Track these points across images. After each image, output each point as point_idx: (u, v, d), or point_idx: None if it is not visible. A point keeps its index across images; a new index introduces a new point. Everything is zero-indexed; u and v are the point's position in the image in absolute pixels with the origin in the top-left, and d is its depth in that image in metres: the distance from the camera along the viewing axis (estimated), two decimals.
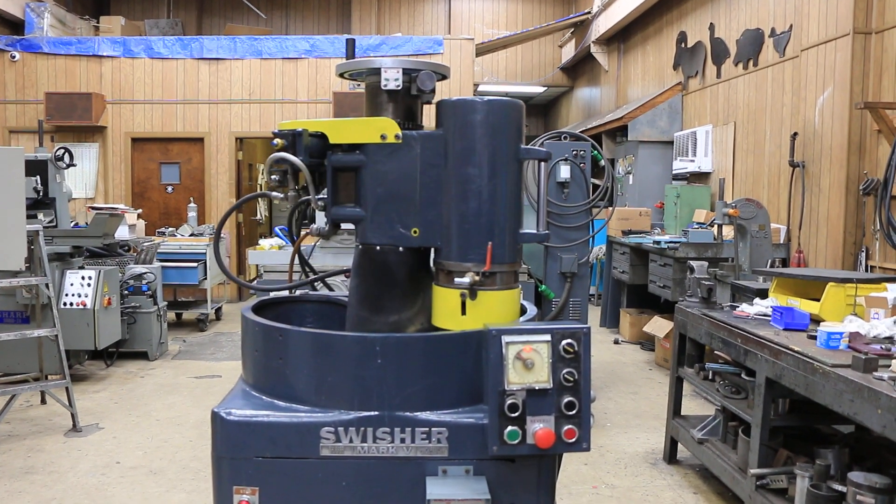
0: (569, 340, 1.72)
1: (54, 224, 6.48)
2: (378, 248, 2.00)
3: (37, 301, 5.36)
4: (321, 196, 2.04)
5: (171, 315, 8.84)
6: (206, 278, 8.47)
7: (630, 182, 9.96)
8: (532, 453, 1.71)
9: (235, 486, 1.79)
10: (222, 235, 9.25)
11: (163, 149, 10.50)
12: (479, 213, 1.92)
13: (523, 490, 1.79)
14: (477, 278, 1.91)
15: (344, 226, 2.12)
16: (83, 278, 5.98)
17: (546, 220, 2.09)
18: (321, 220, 2.07)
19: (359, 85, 1.98)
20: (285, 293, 2.42)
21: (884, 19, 5.53)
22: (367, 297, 2.07)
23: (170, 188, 10.52)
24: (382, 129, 1.96)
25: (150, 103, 10.35)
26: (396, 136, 1.95)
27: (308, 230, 2.10)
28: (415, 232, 1.96)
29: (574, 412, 1.71)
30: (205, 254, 8.44)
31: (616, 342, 7.93)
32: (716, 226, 5.46)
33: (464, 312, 1.92)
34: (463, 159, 1.92)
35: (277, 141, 1.96)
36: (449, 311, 1.95)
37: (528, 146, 2.02)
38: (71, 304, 5.90)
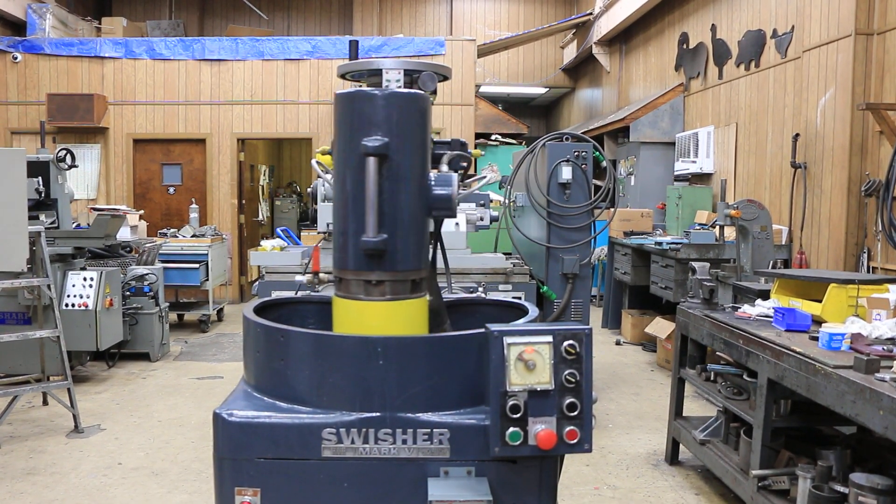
0: (570, 341, 1.72)
1: (56, 225, 6.48)
2: None
3: (38, 302, 5.37)
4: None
5: (173, 316, 8.84)
6: (207, 279, 8.47)
7: (632, 183, 9.95)
8: (534, 454, 1.71)
9: (237, 487, 1.79)
10: (224, 236, 9.26)
11: (164, 150, 10.50)
12: (336, 215, 1.91)
13: (525, 491, 1.79)
14: (309, 280, 1.93)
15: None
16: (85, 279, 5.98)
17: (377, 223, 1.81)
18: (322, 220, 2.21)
19: (361, 86, 1.99)
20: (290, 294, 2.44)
21: (885, 20, 5.53)
22: None
23: (171, 189, 10.52)
24: None
25: (151, 104, 10.35)
26: None
27: None
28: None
29: (576, 413, 1.71)
30: (206, 255, 8.44)
31: (618, 343, 7.93)
32: (717, 227, 5.45)
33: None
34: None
35: (323, 147, 2.09)
36: None
37: (370, 139, 1.78)
38: (73, 305, 5.90)
